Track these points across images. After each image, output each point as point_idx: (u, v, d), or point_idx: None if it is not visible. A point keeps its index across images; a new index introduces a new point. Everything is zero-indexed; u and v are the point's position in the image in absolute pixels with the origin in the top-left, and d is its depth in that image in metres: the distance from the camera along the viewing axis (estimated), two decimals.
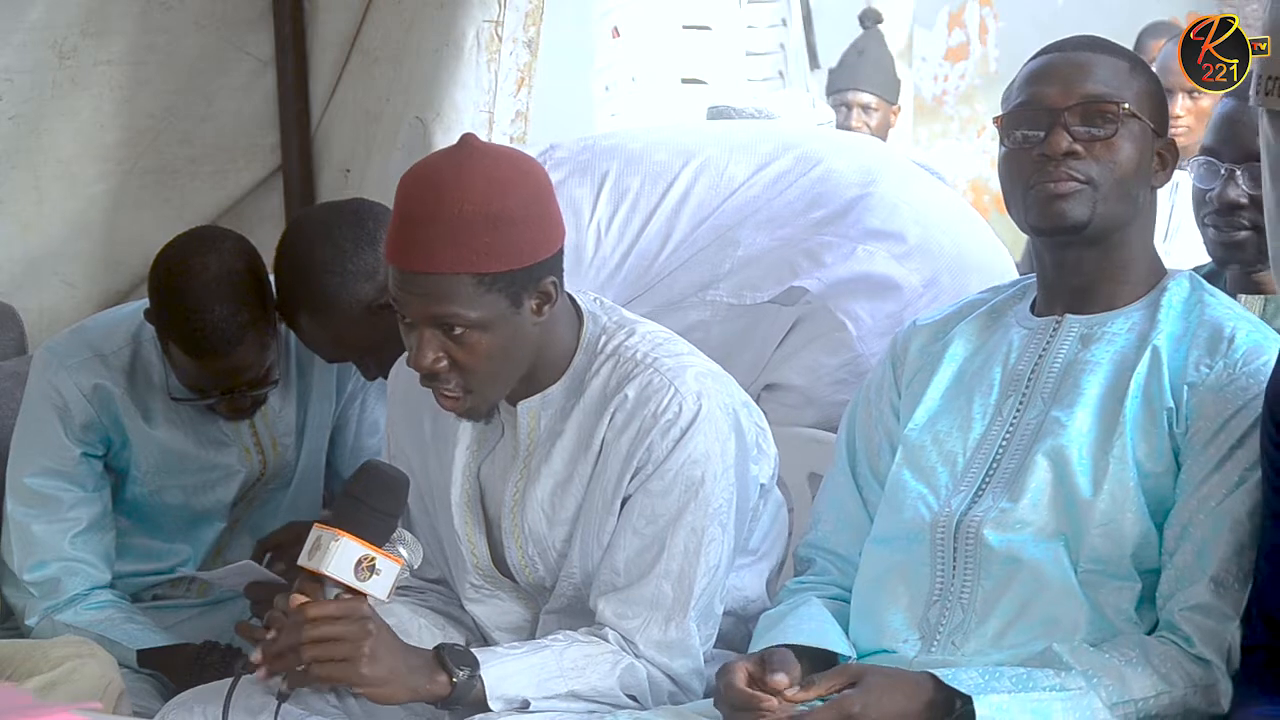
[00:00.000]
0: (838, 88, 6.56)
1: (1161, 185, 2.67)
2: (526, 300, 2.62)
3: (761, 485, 2.80)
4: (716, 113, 5.00)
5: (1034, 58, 2.68)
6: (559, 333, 2.72)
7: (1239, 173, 2.90)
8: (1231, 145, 2.93)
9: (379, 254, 3.15)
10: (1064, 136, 2.58)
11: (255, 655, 2.55)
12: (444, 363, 2.61)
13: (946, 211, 3.67)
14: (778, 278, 3.51)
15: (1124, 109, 2.59)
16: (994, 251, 3.60)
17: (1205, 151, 2.95)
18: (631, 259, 3.55)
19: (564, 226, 2.70)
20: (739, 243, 3.54)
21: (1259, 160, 2.89)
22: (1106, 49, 2.66)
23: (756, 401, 3.45)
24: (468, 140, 2.67)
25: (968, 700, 2.41)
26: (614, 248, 3.54)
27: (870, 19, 6.87)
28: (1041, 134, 2.59)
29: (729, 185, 3.57)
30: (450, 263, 2.56)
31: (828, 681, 2.47)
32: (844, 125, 6.31)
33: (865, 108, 6.48)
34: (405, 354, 2.93)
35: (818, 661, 2.61)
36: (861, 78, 6.55)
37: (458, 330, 2.59)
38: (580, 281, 3.39)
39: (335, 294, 3.16)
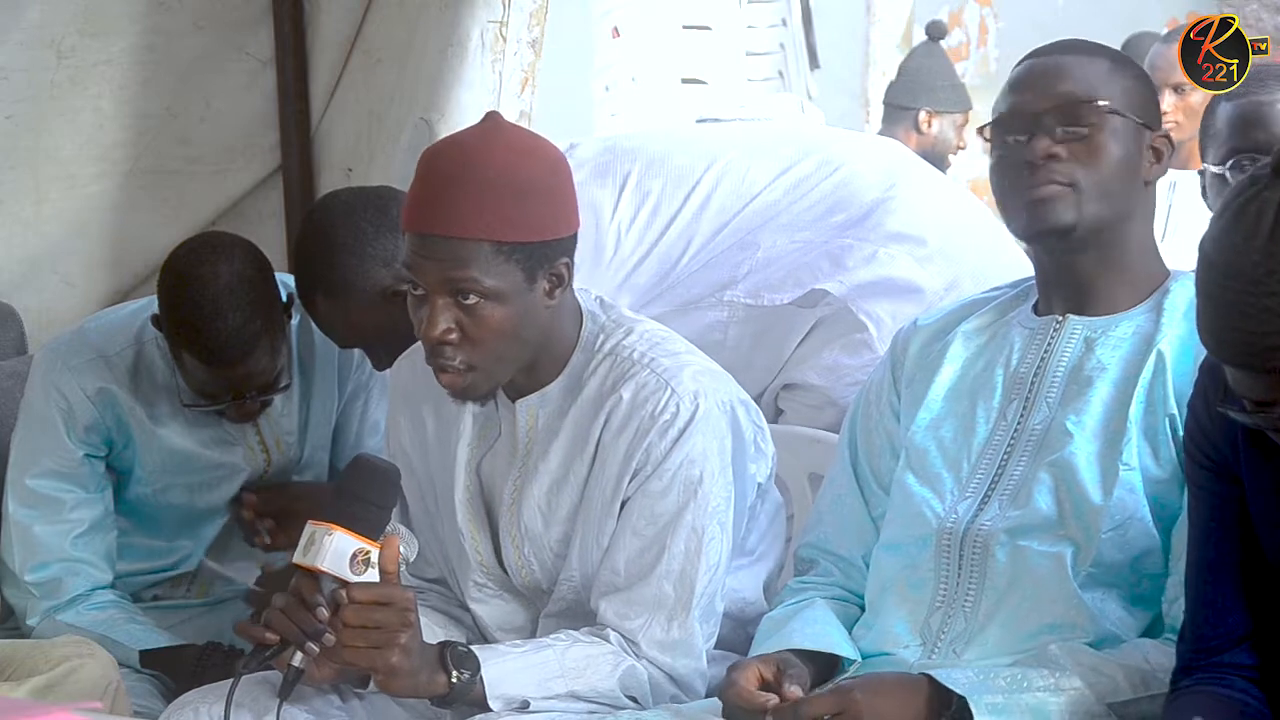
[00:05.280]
0: (917, 105, 6.65)
1: (1156, 179, 2.64)
2: (540, 278, 2.62)
3: (759, 484, 2.80)
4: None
5: (1022, 61, 2.66)
6: (563, 326, 2.72)
7: None
8: (1261, 139, 2.96)
9: (399, 241, 3.16)
10: (1043, 139, 2.55)
11: (299, 661, 2.55)
12: (454, 334, 2.60)
13: (968, 215, 3.68)
14: (798, 280, 3.52)
15: (1102, 106, 2.56)
16: (1014, 255, 3.60)
17: (1236, 153, 2.97)
18: (651, 262, 3.56)
19: (579, 212, 2.70)
20: (758, 245, 3.55)
21: None
22: (1086, 50, 2.64)
23: (775, 401, 3.47)
24: (493, 116, 2.70)
25: (963, 700, 2.41)
26: (633, 250, 3.55)
27: (937, 30, 6.90)
28: (1024, 139, 2.57)
29: (750, 189, 3.58)
30: (471, 227, 2.57)
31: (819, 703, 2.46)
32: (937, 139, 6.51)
33: (960, 127, 6.67)
34: (401, 355, 2.94)
35: (823, 665, 2.62)
36: (953, 98, 6.68)
37: (471, 300, 2.58)
38: (598, 282, 3.40)
39: (353, 276, 3.16)
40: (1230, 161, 3.02)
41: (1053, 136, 2.56)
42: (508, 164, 2.59)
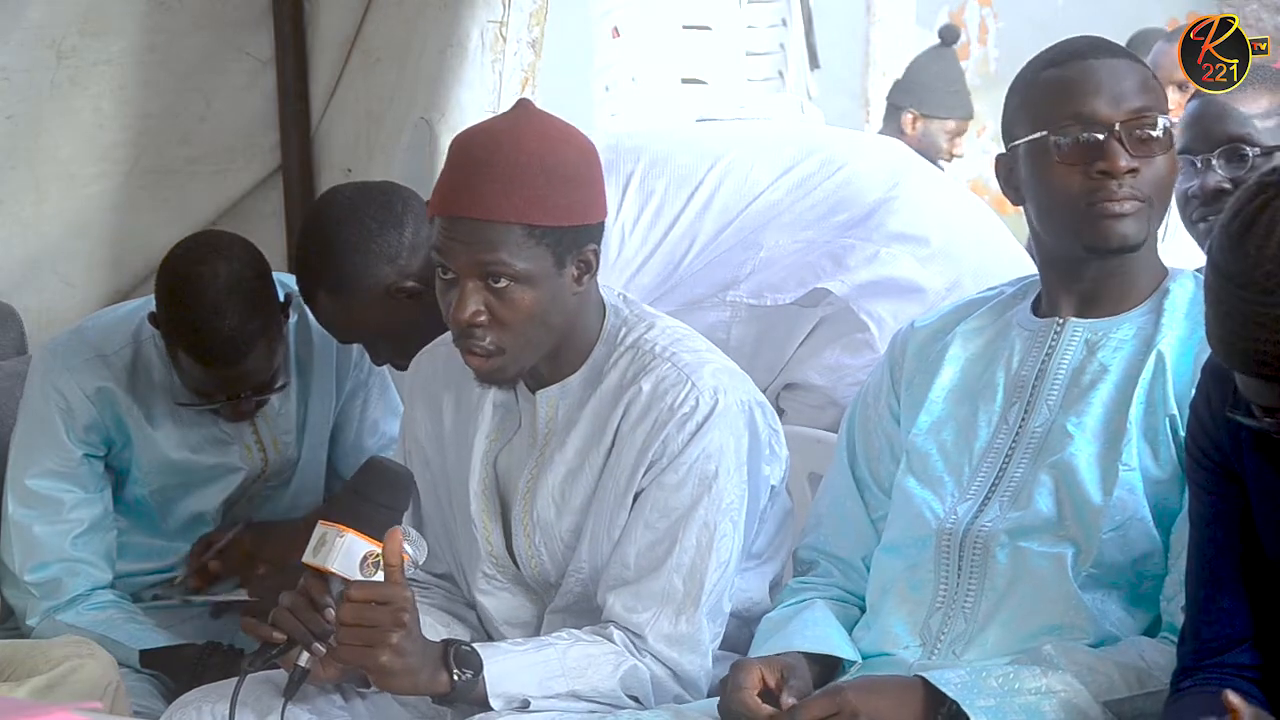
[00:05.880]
0: (929, 112, 6.61)
1: None
2: (569, 264, 2.63)
3: (772, 487, 2.80)
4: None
5: (1059, 64, 2.59)
6: (587, 318, 2.73)
7: (1214, 160, 2.92)
8: (1203, 138, 2.94)
9: (404, 237, 3.17)
10: (1123, 153, 2.52)
11: (306, 661, 2.56)
12: (484, 316, 2.61)
13: (970, 215, 3.68)
14: (800, 280, 3.52)
15: (1169, 121, 2.55)
16: (1016, 255, 3.60)
17: (1179, 153, 2.96)
18: (655, 262, 3.56)
19: (606, 200, 2.71)
20: (761, 245, 3.55)
21: (1231, 145, 2.93)
22: (1129, 55, 2.60)
23: (776, 400, 3.47)
24: (524, 103, 2.72)
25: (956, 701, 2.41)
26: (637, 250, 3.56)
27: (950, 35, 6.84)
28: (1098, 149, 2.53)
29: (753, 189, 3.58)
30: (503, 210, 2.58)
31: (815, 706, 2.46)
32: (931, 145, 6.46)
33: (953, 134, 6.61)
34: (424, 349, 2.94)
35: (823, 666, 2.62)
36: (948, 104, 6.62)
37: (502, 283, 2.59)
38: (601, 281, 3.40)
39: (357, 273, 3.16)
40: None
41: (1129, 150, 2.53)
42: (539, 149, 2.60)
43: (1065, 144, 2.54)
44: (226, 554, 3.50)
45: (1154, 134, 2.54)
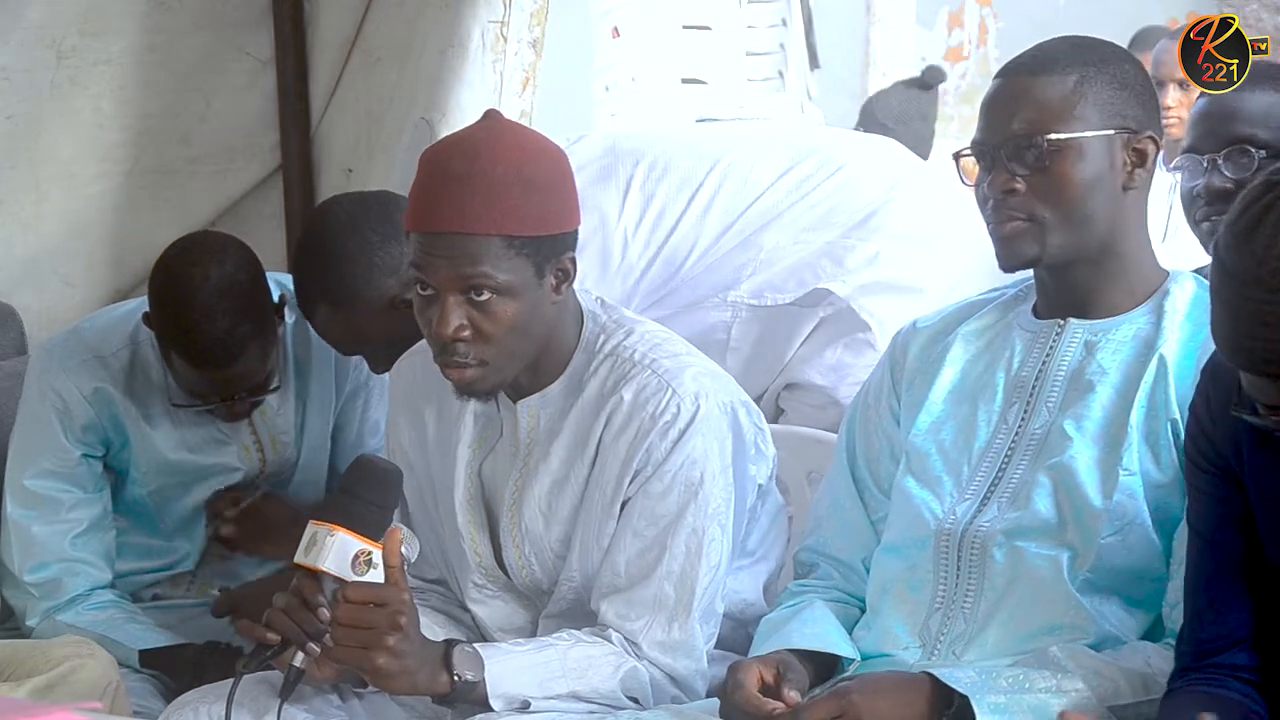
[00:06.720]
0: None
1: (1142, 184, 2.58)
2: (548, 273, 2.63)
3: (759, 486, 2.80)
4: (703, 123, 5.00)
5: (994, 79, 2.62)
6: (565, 326, 2.72)
7: (1220, 160, 2.91)
8: (1209, 137, 2.93)
9: (404, 248, 3.16)
10: (1001, 174, 2.54)
11: (300, 661, 2.56)
12: (467, 331, 2.60)
13: (970, 214, 3.68)
14: (800, 280, 3.52)
15: (1054, 141, 2.51)
16: None
17: (1186, 151, 2.96)
18: (657, 266, 3.56)
19: (584, 215, 2.71)
20: (761, 245, 3.55)
21: (1237, 145, 2.92)
22: (1051, 67, 2.55)
23: (777, 400, 3.47)
24: (493, 114, 2.70)
25: (965, 699, 2.41)
26: (640, 254, 3.56)
27: (935, 77, 6.71)
28: (986, 170, 2.57)
29: (753, 190, 3.58)
30: (482, 223, 2.57)
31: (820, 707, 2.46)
32: None
33: None
34: (402, 356, 2.94)
35: (822, 665, 2.62)
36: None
37: (484, 296, 2.59)
38: (606, 288, 3.40)
39: (359, 287, 3.16)
40: (1183, 158, 3.01)
41: (1009, 171, 2.53)
42: (514, 160, 2.60)
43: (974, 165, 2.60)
44: (241, 522, 3.48)
45: (1040, 154, 2.52)
